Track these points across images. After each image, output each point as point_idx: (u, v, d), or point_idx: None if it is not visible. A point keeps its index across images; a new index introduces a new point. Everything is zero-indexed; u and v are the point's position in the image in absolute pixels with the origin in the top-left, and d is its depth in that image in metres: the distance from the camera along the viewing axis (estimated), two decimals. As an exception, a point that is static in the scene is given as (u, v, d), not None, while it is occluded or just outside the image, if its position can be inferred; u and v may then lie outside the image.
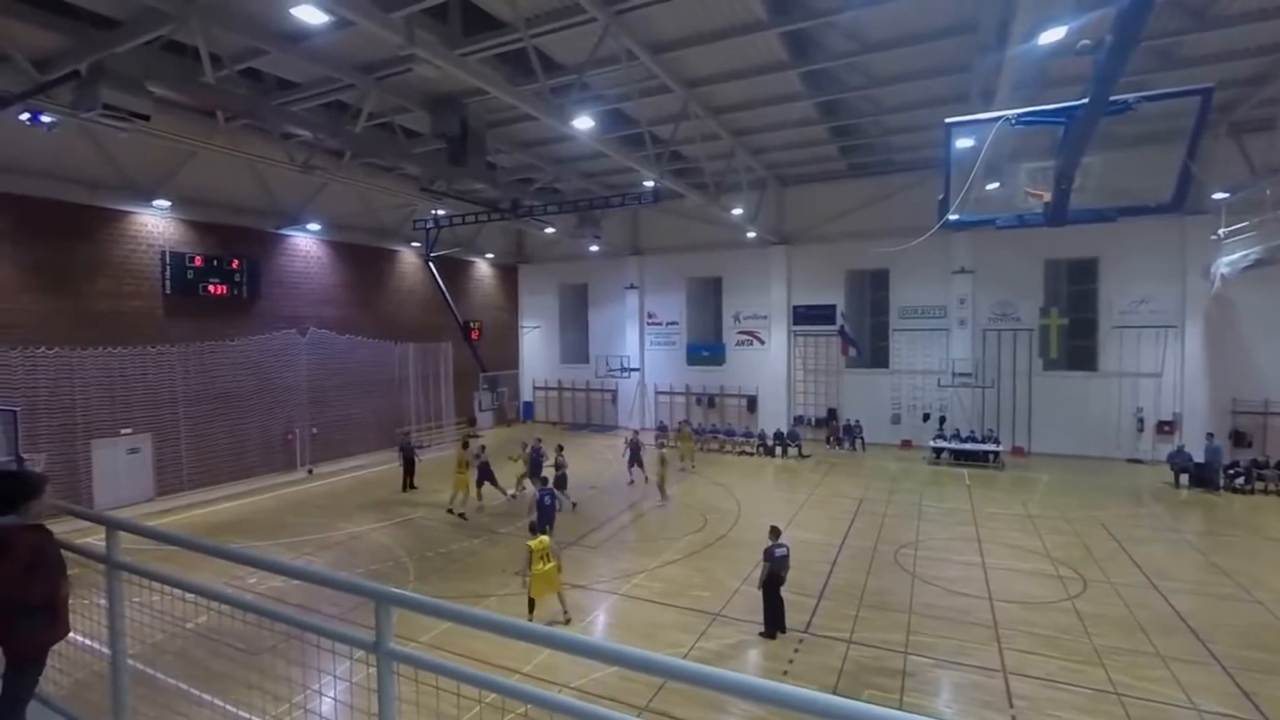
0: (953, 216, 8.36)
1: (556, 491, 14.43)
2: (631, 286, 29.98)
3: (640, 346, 29.88)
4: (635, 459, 19.65)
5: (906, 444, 24.41)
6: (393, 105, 15.91)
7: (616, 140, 16.64)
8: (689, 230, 27.85)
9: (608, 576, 12.33)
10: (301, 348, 22.02)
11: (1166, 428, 21.09)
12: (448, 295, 27.21)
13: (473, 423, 28.89)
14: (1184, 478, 18.68)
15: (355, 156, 18.71)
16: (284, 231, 21.81)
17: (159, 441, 18.09)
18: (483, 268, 31.45)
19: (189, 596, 3.30)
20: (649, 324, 29.92)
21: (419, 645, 8.93)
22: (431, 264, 26.49)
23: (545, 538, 10.58)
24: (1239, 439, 20.04)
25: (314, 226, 22.18)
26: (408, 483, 19.52)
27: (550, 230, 25.66)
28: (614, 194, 22.34)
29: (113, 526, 3.52)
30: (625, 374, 29.17)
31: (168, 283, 18.33)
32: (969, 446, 22.12)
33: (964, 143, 8.34)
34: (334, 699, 3.72)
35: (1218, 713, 7.79)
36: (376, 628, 2.51)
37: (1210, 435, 19.17)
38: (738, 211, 22.15)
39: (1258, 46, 14.02)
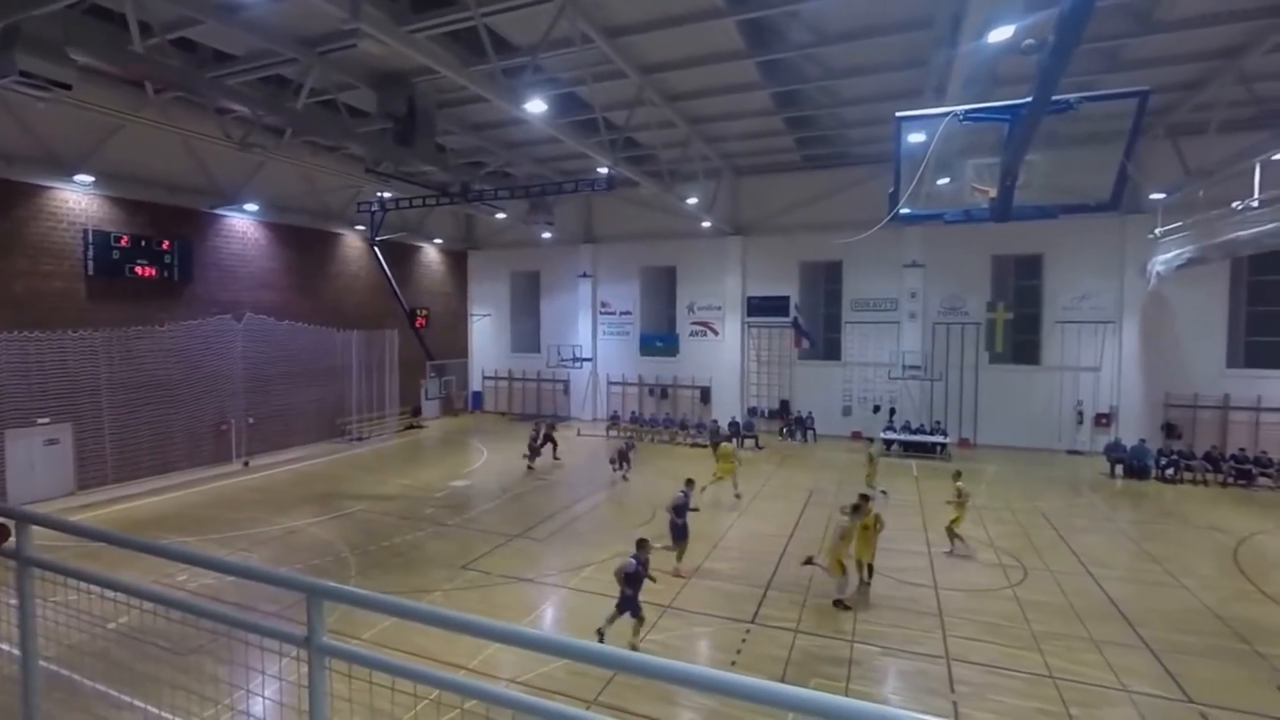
0: (904, 210, 8.35)
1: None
2: (584, 275, 29.59)
3: (593, 336, 29.57)
4: (624, 458, 19.42)
5: (857, 435, 24.82)
6: (337, 82, 15.14)
7: (570, 125, 16.26)
8: (643, 219, 27.60)
9: (556, 569, 12.11)
10: (237, 334, 20.97)
11: (1104, 420, 21.96)
12: (393, 281, 26.39)
13: (417, 413, 28.14)
14: (1119, 469, 19.48)
15: (296, 135, 17.83)
16: (220, 212, 20.67)
17: (80, 432, 16.98)
18: (431, 253, 30.55)
19: (109, 594, 3.10)
20: (602, 313, 29.62)
21: (361, 642, 8.56)
22: (377, 248, 25.61)
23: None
24: (1170, 431, 20.98)
25: (252, 207, 21.08)
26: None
27: (501, 216, 25.06)
28: (567, 180, 21.92)
29: (21, 520, 3.28)
30: (577, 364, 28.81)
31: (90, 263, 17.17)
32: (918, 438, 22.61)
33: (915, 137, 8.30)
34: (267, 698, 3.50)
35: (1146, 693, 8.05)
36: (308, 622, 2.46)
37: (1142, 440, 20.07)
38: (693, 201, 22.02)
39: (1194, 52, 14.56)
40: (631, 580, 9.06)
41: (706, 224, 24.55)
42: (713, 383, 27.34)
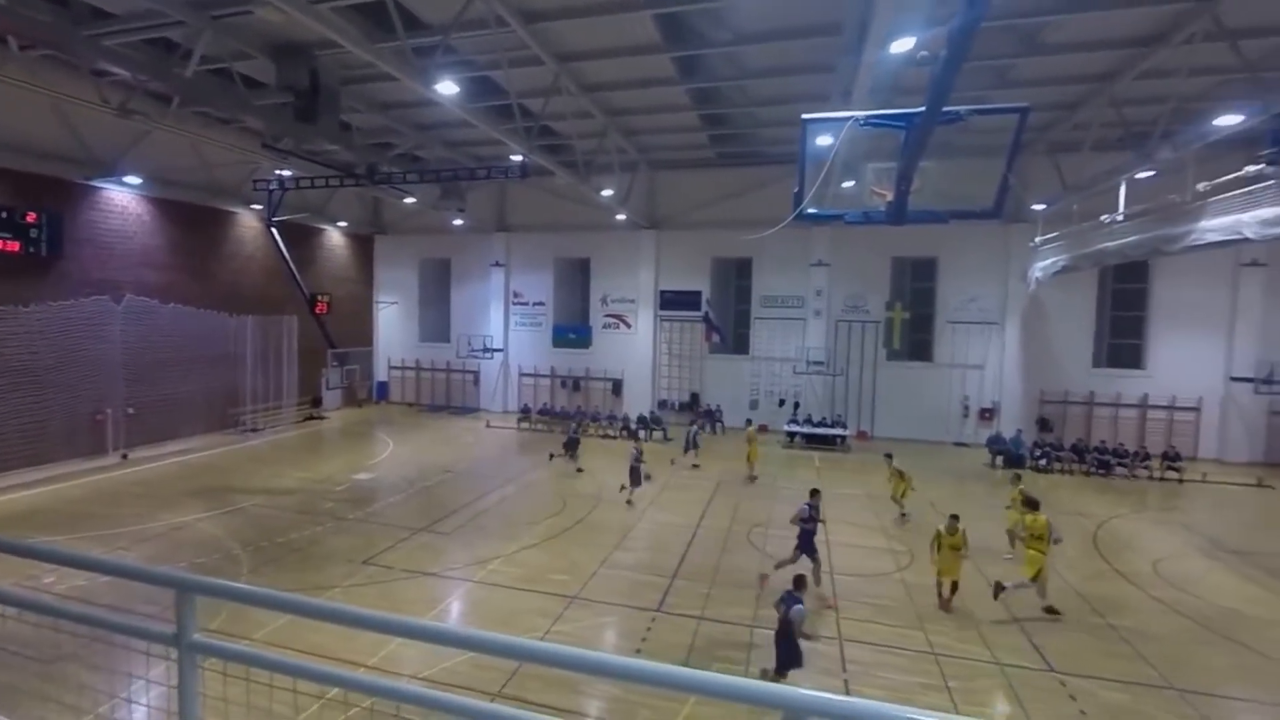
0: (811, 210, 8.68)
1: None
2: (497, 264, 28.97)
3: (505, 326, 29.03)
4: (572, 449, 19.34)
5: (763, 428, 25.62)
6: (231, 50, 13.97)
7: (483, 110, 15.77)
8: (558, 209, 27.30)
9: (462, 563, 11.84)
10: (116, 316, 19.12)
11: (987, 414, 23.72)
12: (292, 264, 24.84)
13: (317, 403, 26.69)
14: (999, 459, 21.12)
15: (185, 104, 16.39)
16: (96, 183, 18.74)
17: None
18: (334, 236, 28.97)
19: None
20: (515, 303, 29.11)
21: (252, 642, 8.08)
22: (274, 229, 24.02)
23: None
24: (1044, 425, 23.02)
25: (134, 180, 19.20)
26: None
27: (410, 200, 24.07)
28: (480, 166, 21.34)
29: None
30: (488, 355, 28.23)
31: (-65, 235, 15.14)
32: (820, 431, 23.64)
33: (823, 140, 8.64)
34: (142, 704, 3.22)
35: (1014, 665, 8.80)
36: (177, 619, 2.37)
37: (1019, 432, 21.99)
38: (608, 193, 21.98)
39: (1073, 75, 15.89)
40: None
41: (621, 217, 24.58)
42: (625, 375, 27.47)
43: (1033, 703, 7.93)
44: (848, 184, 9.73)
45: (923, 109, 6.99)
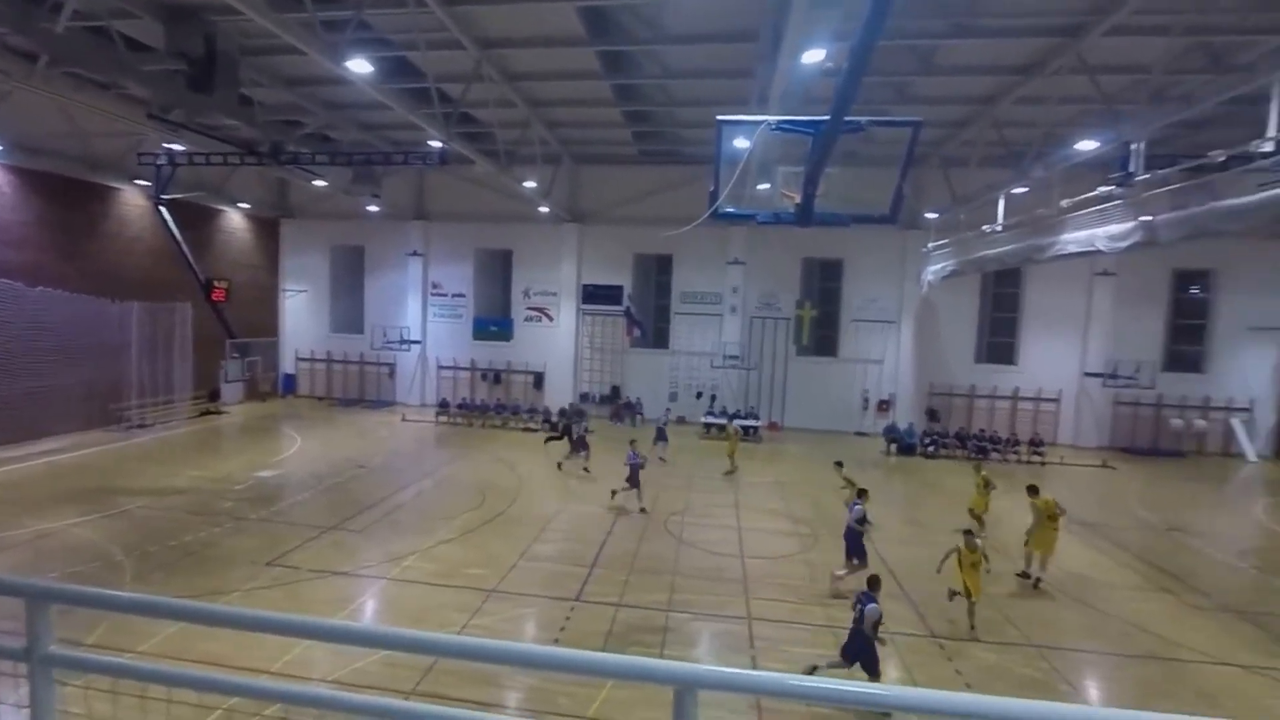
0: (728, 209, 9.07)
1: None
2: (415, 253, 28.08)
3: (423, 318, 28.21)
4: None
5: (681, 420, 26.32)
6: (111, 7, 12.85)
7: (400, 92, 15.30)
8: (479, 199, 26.82)
9: (375, 560, 11.55)
10: (-33, 300, 17.17)
11: (884, 406, 25.45)
12: (185, 247, 23.09)
13: (215, 397, 25.01)
14: (894, 447, 22.85)
15: (55, 64, 14.84)
16: (-62, 146, 16.71)
17: None
18: (234, 218, 27.12)
19: None
20: (433, 294, 28.34)
21: (135, 655, 7.58)
22: (163, 208, 22.24)
23: None
24: (932, 415, 25.16)
25: (-12, 145, 17.29)
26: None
27: (321, 183, 22.94)
28: (396, 150, 20.67)
29: None
30: (405, 347, 27.35)
31: None
32: (735, 422, 24.44)
33: (740, 143, 9.05)
34: None
35: (902, 633, 9.63)
36: (28, 630, 2.20)
37: (911, 423, 23.96)
38: (530, 184, 21.83)
39: (962, 96, 17.30)
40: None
41: (544, 209, 24.47)
42: (547, 369, 27.41)
43: (917, 667, 8.74)
44: (763, 186, 10.23)
45: (828, 117, 7.48)
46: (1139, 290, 24.00)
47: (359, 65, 12.13)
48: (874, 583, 8.32)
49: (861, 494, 11.80)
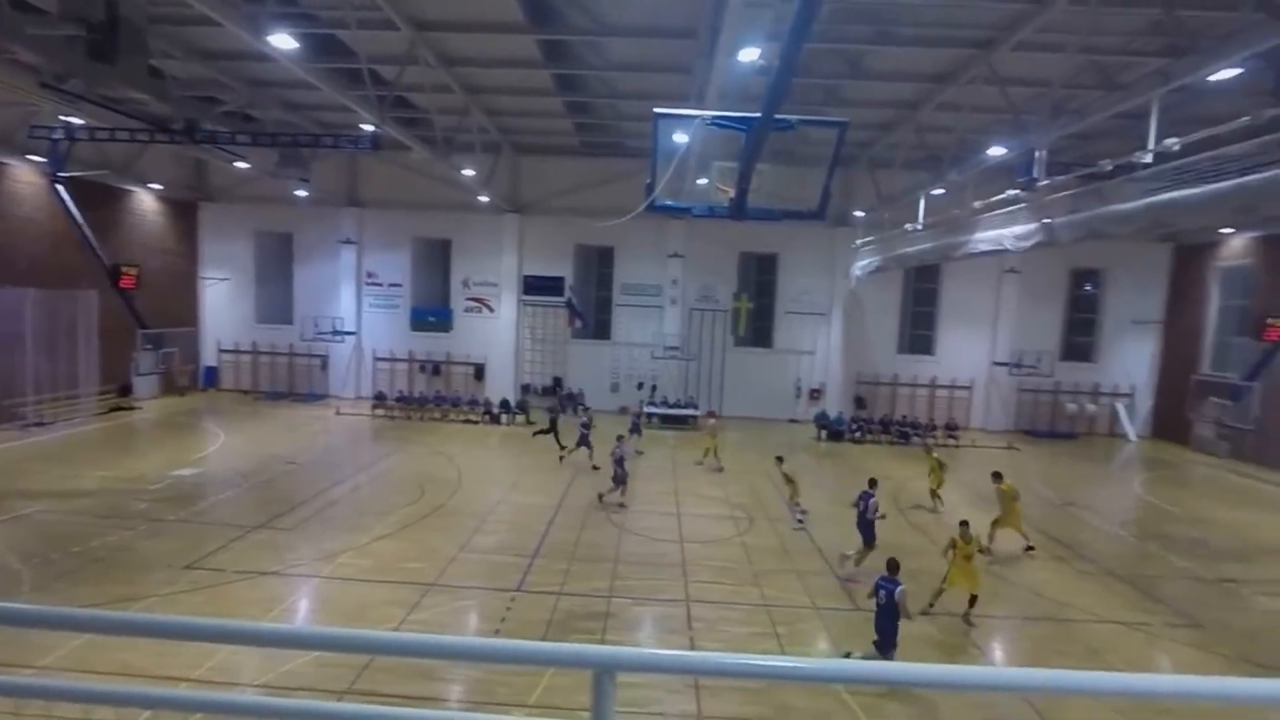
0: (667, 202, 9.24)
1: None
2: (348, 241, 27.07)
3: (357, 308, 27.27)
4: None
5: (623, 410, 26.51)
6: (-6, -37, 11.79)
7: (329, 72, 14.71)
8: (417, 186, 26.06)
9: (307, 559, 11.21)
10: None
11: (816, 394, 26.51)
12: (87, 230, 21.44)
13: (126, 391, 23.46)
14: (824, 433, 23.91)
15: (-72, 23, 13.49)
16: None
17: None
18: (145, 200, 25.31)
19: None
20: (368, 284, 27.41)
21: (37, 671, 7.20)
22: (60, 186, 20.57)
23: None
24: (859, 403, 26.45)
25: None
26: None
27: (243, 165, 21.73)
28: (326, 133, 19.83)
29: None
30: (338, 338, 26.39)
31: None
32: (674, 411, 25.02)
33: (679, 137, 9.23)
34: None
35: (831, 608, 10.18)
36: None
37: (840, 411, 25.17)
38: (469, 173, 21.42)
39: (888, 100, 18.07)
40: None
41: (484, 199, 24.05)
42: (488, 360, 27.06)
43: (844, 639, 9.25)
44: (701, 181, 10.45)
45: (760, 114, 7.74)
46: (1041, 287, 26.04)
47: (282, 40, 11.56)
48: (893, 565, 8.45)
49: (872, 484, 12.01)
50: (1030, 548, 12.86)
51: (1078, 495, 17.52)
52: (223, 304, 28.06)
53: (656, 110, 8.18)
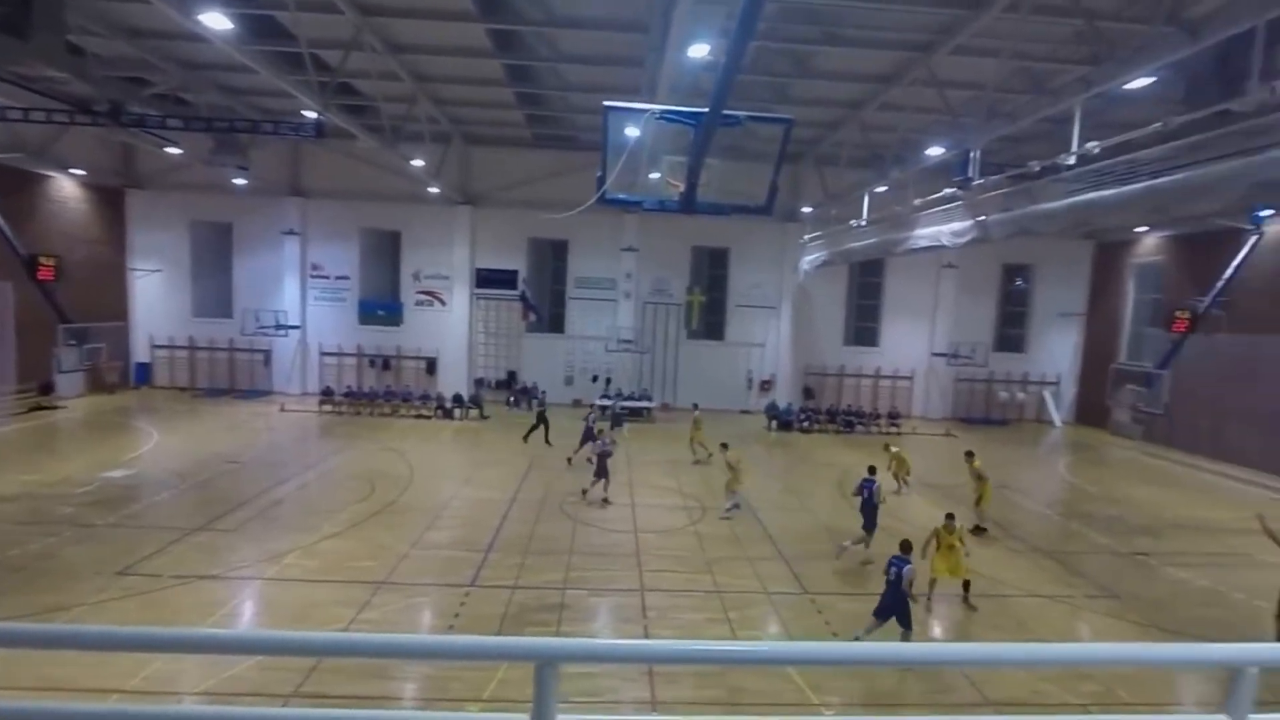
0: (619, 195, 9.28)
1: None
2: (291, 232, 26.15)
3: (301, 301, 26.42)
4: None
5: (578, 403, 26.52)
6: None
7: (267, 55, 14.15)
8: (364, 176, 25.35)
9: (250, 561, 10.84)
10: None
11: (766, 385, 27.12)
12: None
13: (48, 390, 22.14)
14: (774, 423, 24.49)
15: None
16: None
17: None
18: (65, 186, 23.83)
19: None
20: (313, 276, 26.58)
21: None
22: (-30, 171, 19.23)
23: None
24: (808, 394, 27.24)
25: None
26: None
27: (175, 150, 20.72)
28: (266, 119, 19.04)
29: None
30: (282, 332, 25.48)
31: None
32: (629, 404, 25.11)
33: (631, 131, 9.28)
34: None
35: (780, 592, 10.46)
36: None
37: (790, 402, 25.88)
38: (419, 163, 20.97)
39: (834, 100, 18.54)
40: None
41: (434, 190, 23.58)
42: (440, 354, 26.62)
43: (792, 621, 9.57)
44: (654, 175, 10.53)
45: (708, 109, 7.86)
46: (976, 281, 27.35)
47: (215, 19, 11.05)
48: (906, 546, 8.87)
49: (871, 471, 12.41)
50: (983, 529, 13.48)
51: (1009, 478, 18.45)
52: (156, 297, 26.72)
53: (606, 103, 8.21)
